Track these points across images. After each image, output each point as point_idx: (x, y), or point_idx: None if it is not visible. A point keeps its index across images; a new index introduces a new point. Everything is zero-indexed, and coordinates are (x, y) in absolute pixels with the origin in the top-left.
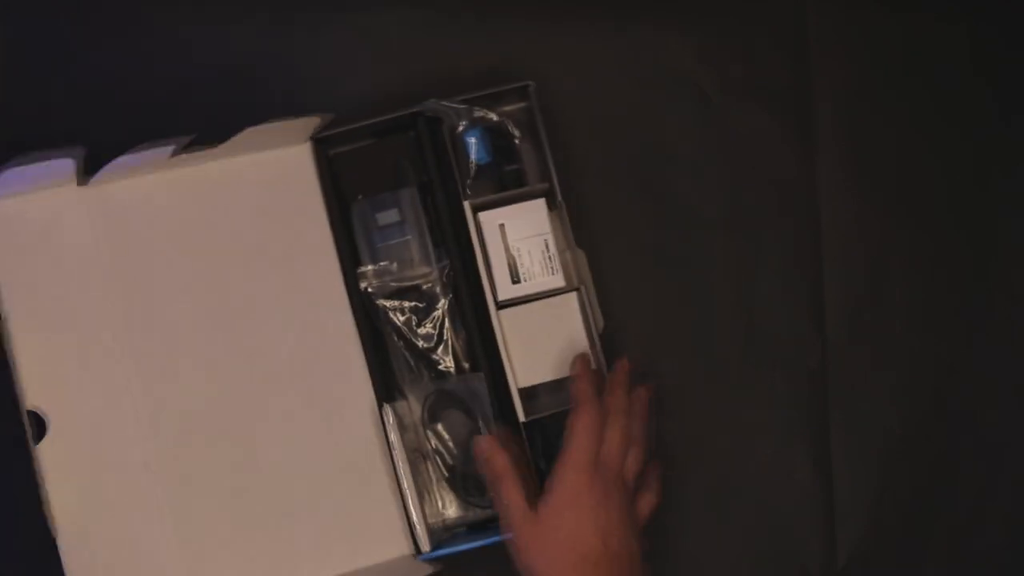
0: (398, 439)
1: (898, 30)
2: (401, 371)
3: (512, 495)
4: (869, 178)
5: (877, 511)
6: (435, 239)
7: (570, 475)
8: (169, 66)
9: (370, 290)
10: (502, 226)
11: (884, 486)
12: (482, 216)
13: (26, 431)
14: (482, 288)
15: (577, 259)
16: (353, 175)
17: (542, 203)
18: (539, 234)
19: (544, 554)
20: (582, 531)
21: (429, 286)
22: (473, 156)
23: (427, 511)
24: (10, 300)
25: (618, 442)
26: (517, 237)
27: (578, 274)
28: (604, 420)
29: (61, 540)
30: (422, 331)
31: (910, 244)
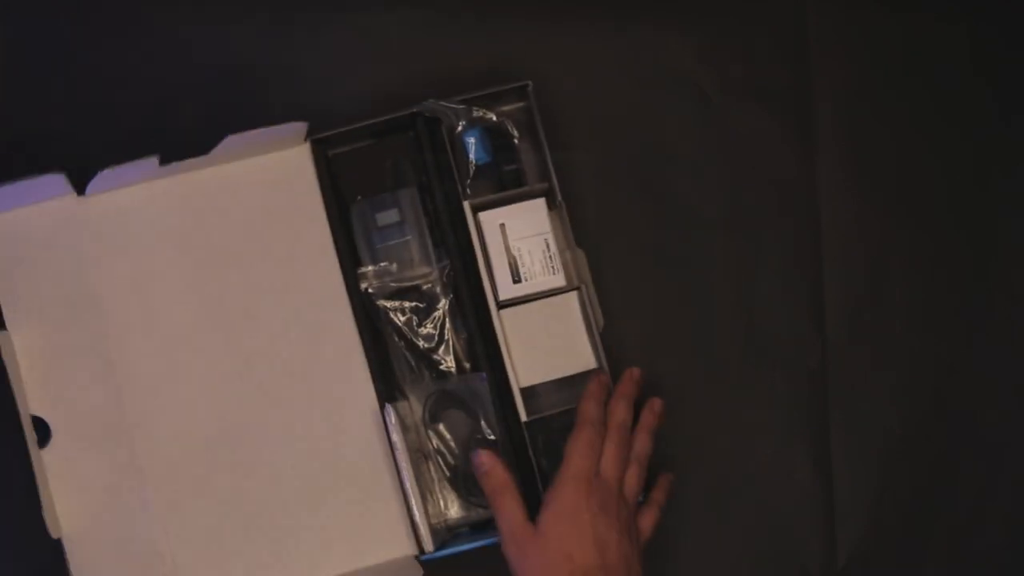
0: (400, 439)
1: (898, 30)
2: (402, 371)
3: (511, 508)
4: (869, 178)
5: (877, 511)
6: (435, 239)
7: (568, 489)
8: (169, 66)
9: (370, 291)
10: (502, 226)
11: (884, 486)
12: (482, 216)
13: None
14: (483, 288)
15: (577, 259)
16: (352, 176)
17: (542, 203)
18: (539, 234)
19: (542, 567)
20: (580, 544)
21: (429, 286)
22: (472, 156)
23: (430, 511)
24: (11, 311)
25: (614, 456)
26: (517, 237)
27: (578, 273)
28: (603, 436)
29: (67, 544)
30: (423, 331)
31: (910, 244)
